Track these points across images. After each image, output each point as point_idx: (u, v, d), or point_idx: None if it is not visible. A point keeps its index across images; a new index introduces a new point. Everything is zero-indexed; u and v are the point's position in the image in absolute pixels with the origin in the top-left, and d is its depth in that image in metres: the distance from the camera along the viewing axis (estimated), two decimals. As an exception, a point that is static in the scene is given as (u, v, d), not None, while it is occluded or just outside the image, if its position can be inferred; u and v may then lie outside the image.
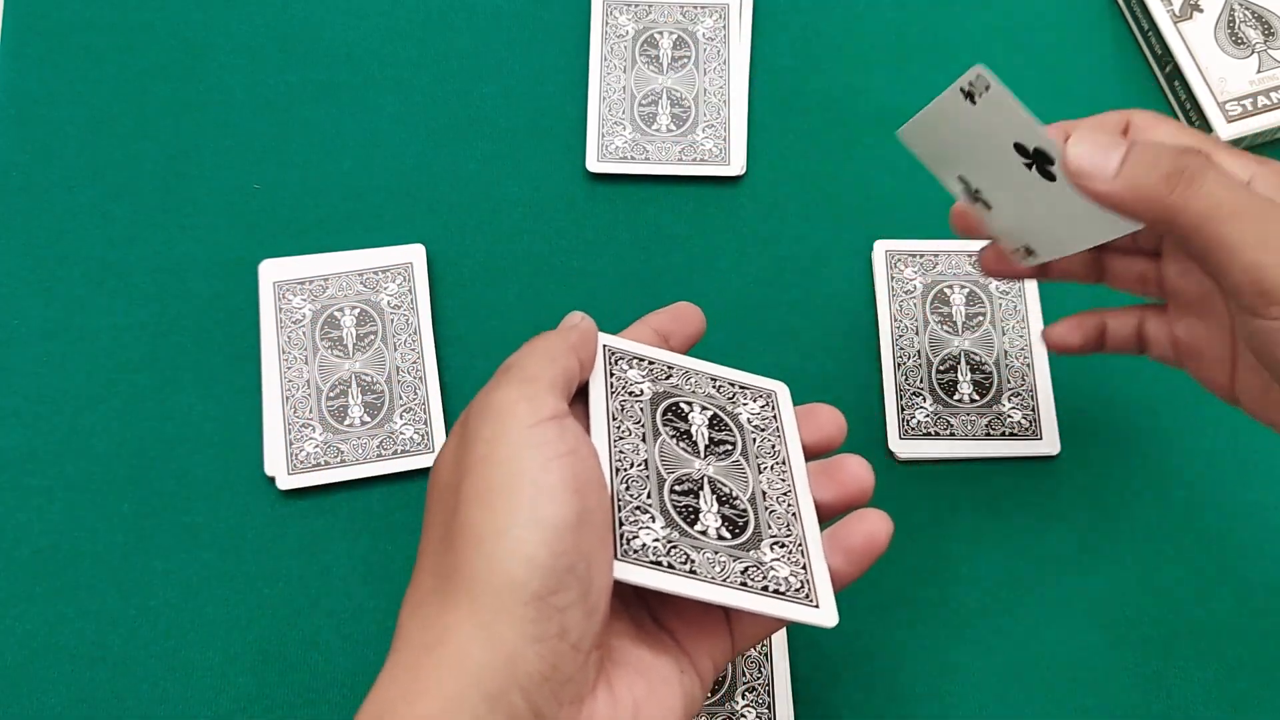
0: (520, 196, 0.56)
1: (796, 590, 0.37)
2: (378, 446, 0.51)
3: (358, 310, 0.53)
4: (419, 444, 0.52)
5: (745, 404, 0.43)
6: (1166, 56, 0.57)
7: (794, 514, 0.40)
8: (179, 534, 0.51)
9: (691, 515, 0.38)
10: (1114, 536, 0.51)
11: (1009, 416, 0.52)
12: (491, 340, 0.54)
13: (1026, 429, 0.52)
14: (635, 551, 0.35)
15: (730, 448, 0.41)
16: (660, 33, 0.58)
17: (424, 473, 0.52)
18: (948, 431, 0.52)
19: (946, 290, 0.54)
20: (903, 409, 0.52)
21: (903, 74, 0.58)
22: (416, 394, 0.52)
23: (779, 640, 0.48)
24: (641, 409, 0.40)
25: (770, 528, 0.39)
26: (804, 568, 0.38)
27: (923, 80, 0.58)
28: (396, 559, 0.51)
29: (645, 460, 0.39)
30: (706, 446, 0.40)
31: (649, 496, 0.38)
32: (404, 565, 0.51)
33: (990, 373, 0.53)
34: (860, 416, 0.53)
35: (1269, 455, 0.52)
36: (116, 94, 0.58)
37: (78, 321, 0.54)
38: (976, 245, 0.55)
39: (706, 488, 0.39)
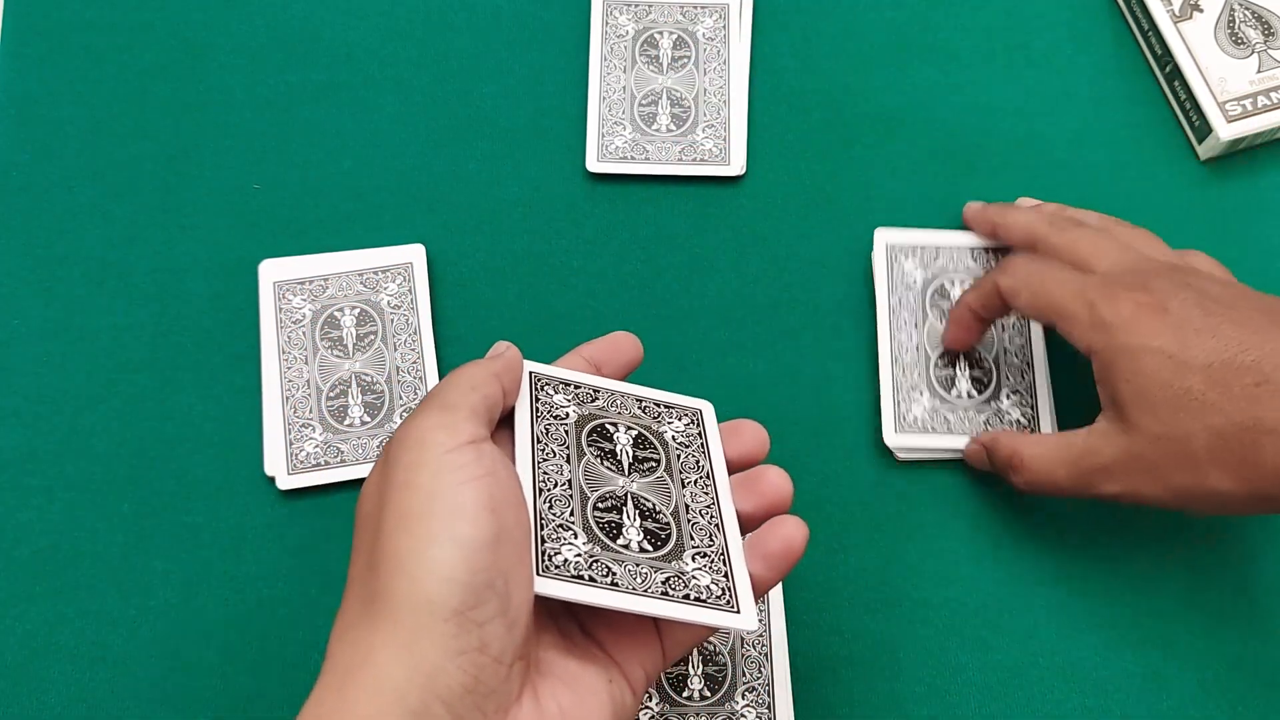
0: (520, 196, 0.56)
1: (718, 597, 0.38)
2: (378, 446, 0.51)
3: (358, 310, 0.54)
4: (419, 444, 0.52)
5: (670, 422, 0.44)
6: (1166, 56, 0.57)
7: (716, 525, 0.41)
8: (179, 534, 0.51)
9: (614, 530, 0.39)
10: (1113, 537, 0.51)
11: (1007, 414, 0.52)
12: (491, 340, 0.54)
13: (1025, 426, 0.52)
14: (557, 567, 0.36)
15: (654, 464, 0.42)
16: (660, 33, 0.58)
17: (424, 473, 0.52)
18: (945, 427, 0.52)
19: (947, 284, 0.54)
20: (899, 404, 0.52)
21: (903, 74, 0.58)
22: (416, 394, 0.52)
23: (779, 640, 0.48)
24: (566, 431, 0.42)
25: (693, 539, 0.40)
26: (725, 575, 0.39)
27: (923, 80, 0.58)
28: (396, 559, 0.51)
29: (569, 480, 0.40)
30: (631, 465, 0.42)
31: (572, 514, 0.39)
32: (404, 565, 0.51)
33: (989, 369, 0.53)
34: (857, 413, 0.53)
35: (1269, 455, 0.52)
36: (116, 94, 0.58)
37: (78, 321, 0.54)
38: (976, 240, 0.55)
39: (630, 503, 0.40)
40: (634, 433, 0.43)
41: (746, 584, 0.39)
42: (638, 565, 0.38)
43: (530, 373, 0.42)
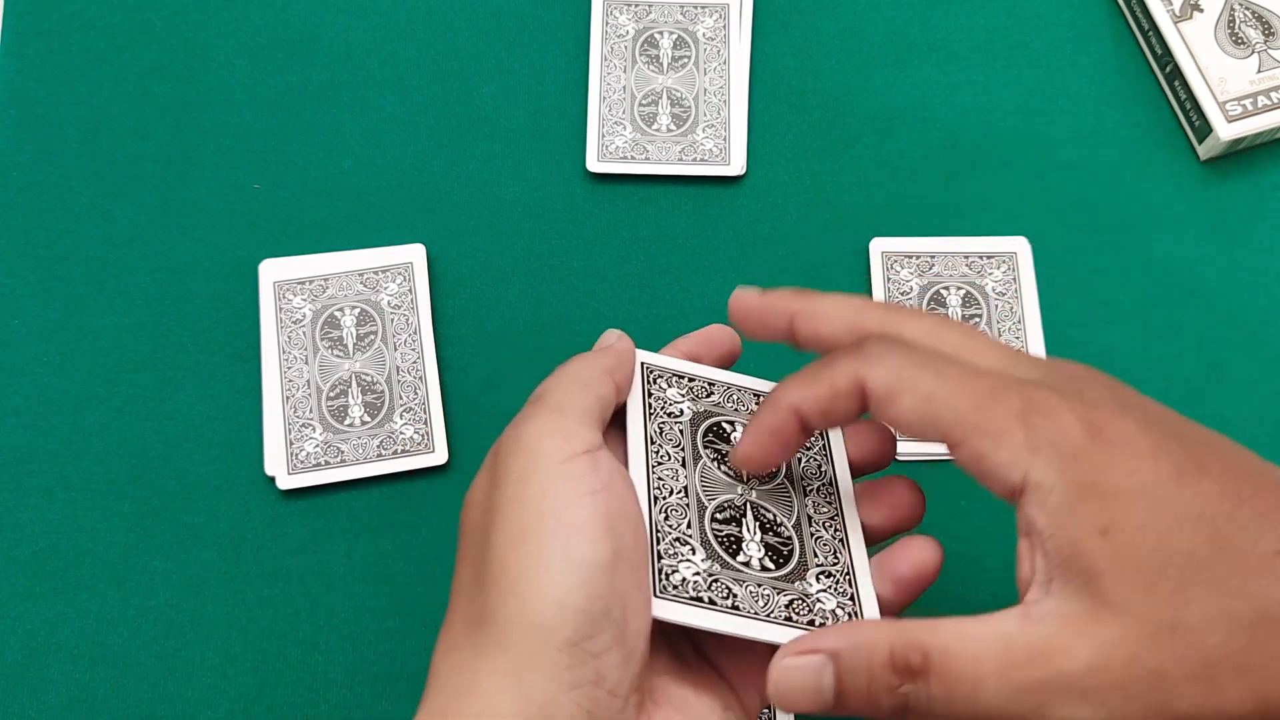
0: (520, 196, 0.56)
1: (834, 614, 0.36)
2: (378, 446, 0.51)
3: (358, 310, 0.54)
4: (419, 444, 0.52)
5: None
6: (1166, 56, 0.57)
7: (841, 539, 0.38)
8: (179, 534, 0.51)
9: (734, 545, 0.36)
10: (1113, 537, 0.51)
11: None
12: (491, 340, 0.54)
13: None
14: (675, 587, 0.34)
15: (774, 470, 0.39)
16: (660, 33, 0.58)
17: (424, 473, 0.52)
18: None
19: (943, 291, 0.54)
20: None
21: (903, 74, 0.58)
22: (416, 394, 0.52)
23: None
24: (681, 431, 0.39)
25: (816, 555, 0.38)
26: (851, 598, 0.37)
27: (923, 80, 0.58)
28: (396, 559, 0.51)
29: (685, 487, 0.37)
30: (750, 471, 0.39)
31: (689, 526, 0.36)
32: (404, 565, 0.51)
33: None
34: (860, 416, 0.53)
35: (1269, 455, 0.52)
36: (116, 94, 0.58)
37: (77, 321, 0.54)
38: (972, 246, 0.55)
39: (749, 514, 0.37)
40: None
41: (875, 610, 0.36)
42: (759, 586, 0.35)
43: (642, 364, 0.39)
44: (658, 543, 0.35)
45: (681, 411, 0.39)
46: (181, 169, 0.57)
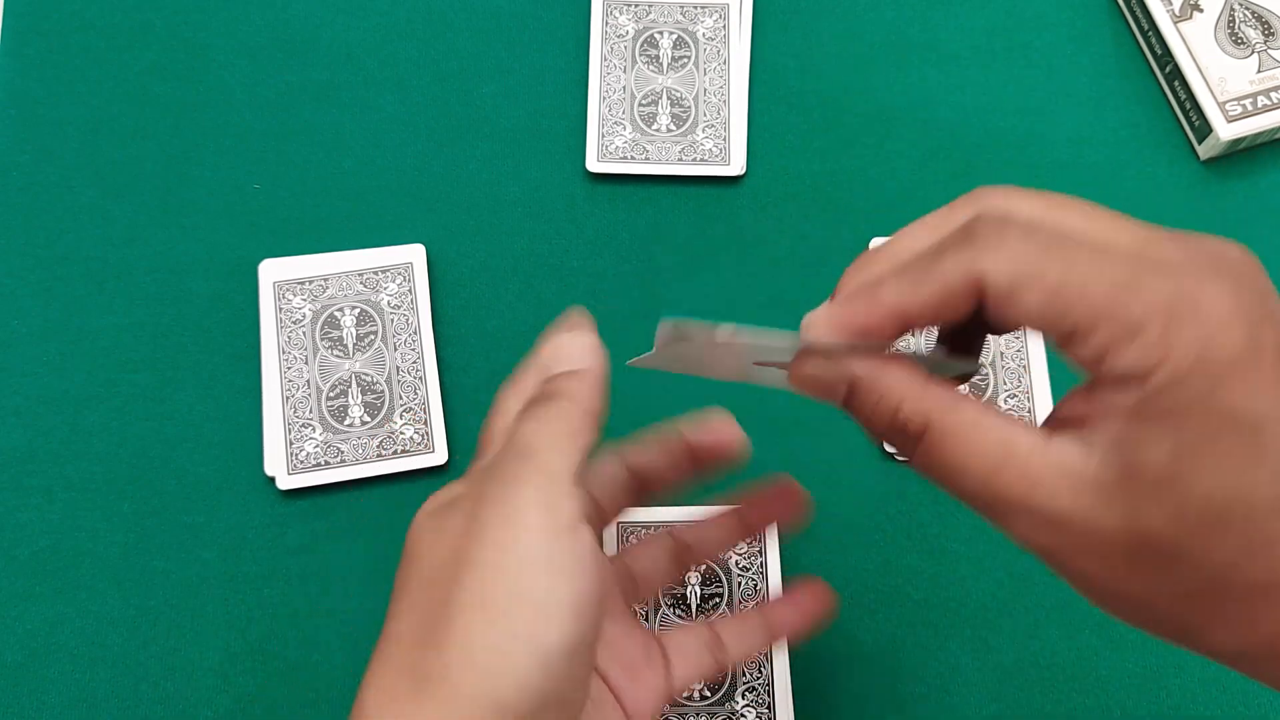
0: (520, 196, 0.56)
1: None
2: (378, 446, 0.51)
3: (358, 310, 0.54)
4: (419, 444, 0.52)
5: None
6: (1166, 56, 0.57)
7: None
8: (179, 534, 0.51)
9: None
10: (1114, 536, 0.51)
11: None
12: (491, 340, 0.54)
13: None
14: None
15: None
16: (660, 33, 0.58)
17: (424, 473, 0.52)
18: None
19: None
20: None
21: (903, 74, 0.58)
22: (416, 394, 0.52)
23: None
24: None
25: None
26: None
27: (923, 80, 0.58)
28: (396, 559, 0.51)
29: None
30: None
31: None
32: (404, 565, 0.51)
33: (986, 373, 0.53)
34: (860, 416, 0.53)
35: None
36: (116, 94, 0.58)
37: (77, 321, 0.54)
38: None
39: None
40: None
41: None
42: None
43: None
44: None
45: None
46: (181, 169, 0.57)
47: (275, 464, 0.51)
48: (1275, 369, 0.25)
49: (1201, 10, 0.57)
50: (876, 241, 0.55)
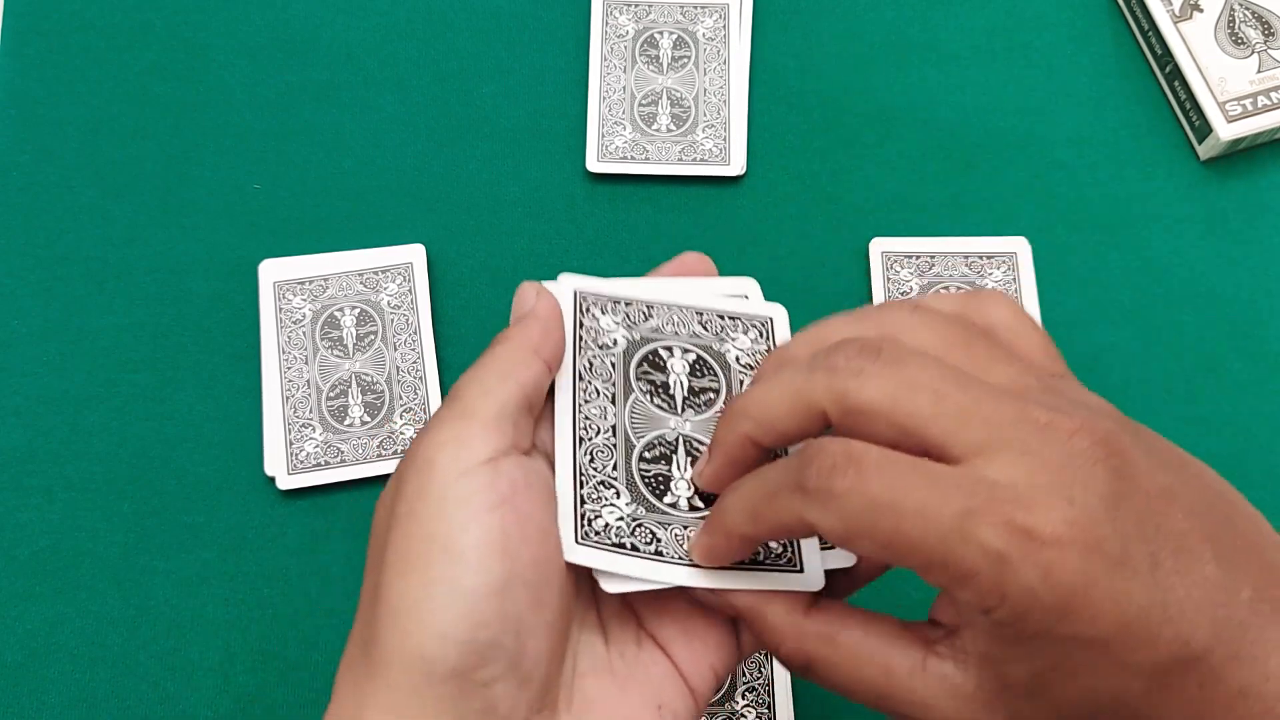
0: (520, 196, 0.56)
1: (778, 556, 0.32)
2: (378, 446, 0.51)
3: (358, 310, 0.54)
4: (419, 444, 0.52)
5: (734, 338, 0.38)
6: (1166, 56, 0.57)
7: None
8: (179, 534, 0.51)
9: (661, 486, 0.34)
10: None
11: None
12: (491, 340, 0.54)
13: None
14: (596, 534, 0.32)
15: (713, 395, 0.36)
16: (660, 33, 0.58)
17: (424, 473, 0.52)
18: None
19: (943, 291, 0.54)
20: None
21: (903, 74, 0.58)
22: (416, 394, 0.52)
23: None
24: (613, 364, 0.36)
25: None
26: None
27: (923, 80, 0.58)
28: (396, 559, 0.51)
29: (613, 426, 0.35)
30: (685, 399, 0.36)
31: (614, 469, 0.34)
32: (404, 565, 0.51)
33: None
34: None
35: (1269, 455, 0.52)
36: (116, 94, 0.58)
37: (77, 321, 0.54)
38: (972, 246, 0.55)
39: (680, 449, 0.35)
40: (691, 356, 0.37)
41: (815, 551, 0.33)
42: (685, 528, 0.33)
43: (575, 292, 0.36)
44: (581, 487, 0.33)
45: (615, 342, 0.36)
46: (181, 169, 0.57)
47: (275, 464, 0.51)
48: (1117, 570, 0.26)
49: (1201, 10, 0.57)
50: (876, 243, 0.55)
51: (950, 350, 0.29)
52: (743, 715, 0.47)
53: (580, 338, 0.36)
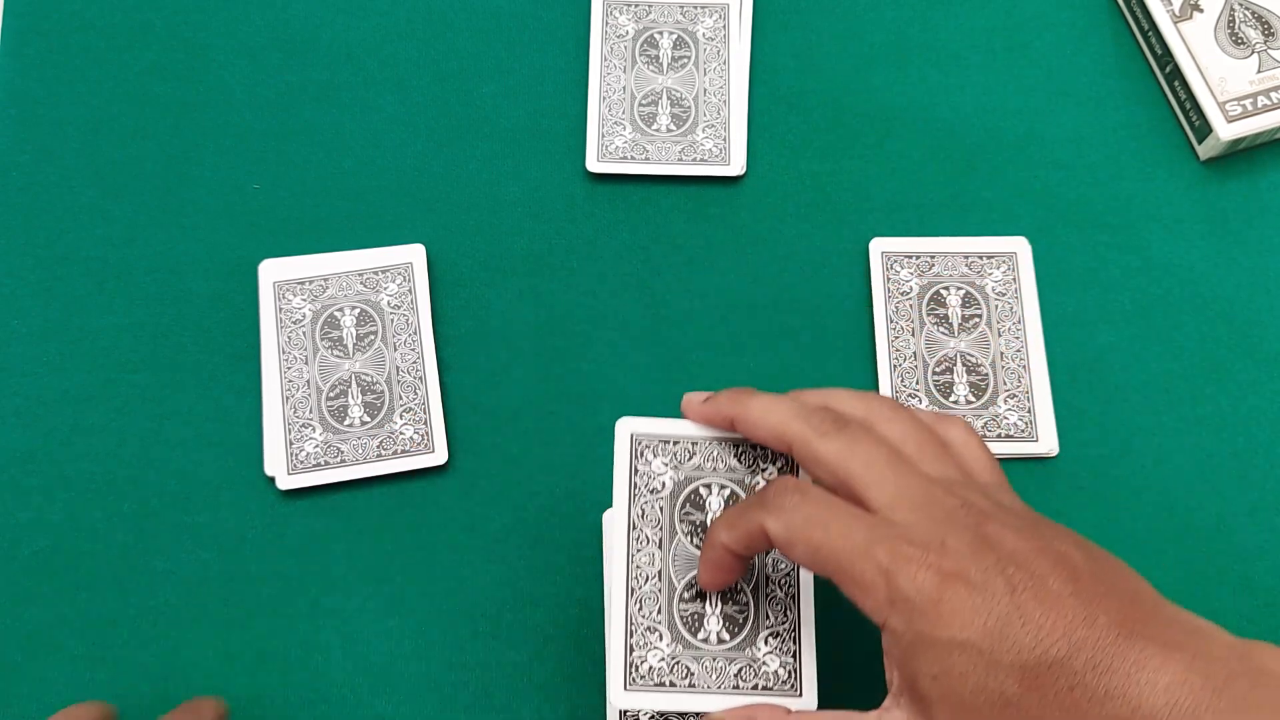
0: (520, 196, 0.56)
1: (783, 683, 0.40)
2: (378, 446, 0.51)
3: (358, 310, 0.54)
4: (419, 444, 0.52)
5: (765, 468, 0.44)
6: (1166, 56, 0.57)
7: (793, 595, 0.43)
8: (179, 534, 0.51)
9: (696, 623, 0.41)
10: (1113, 537, 0.51)
11: (1005, 418, 0.52)
12: (491, 340, 0.54)
13: (1023, 430, 0.52)
14: (642, 677, 0.39)
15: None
16: (660, 33, 0.58)
17: (424, 473, 0.52)
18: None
19: (943, 291, 0.54)
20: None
21: (903, 74, 0.58)
22: (416, 394, 0.52)
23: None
24: (661, 507, 0.42)
25: (768, 616, 0.42)
26: (794, 655, 0.41)
27: (923, 80, 0.58)
28: (396, 559, 0.51)
29: (659, 571, 0.41)
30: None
31: (659, 612, 0.41)
32: (404, 565, 0.51)
33: (986, 375, 0.53)
34: (860, 417, 0.53)
35: (1269, 455, 0.52)
36: (116, 94, 0.58)
37: (78, 321, 0.54)
38: (972, 246, 0.55)
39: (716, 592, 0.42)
40: (726, 492, 0.43)
41: (812, 665, 0.41)
42: (714, 660, 0.40)
43: (630, 434, 0.43)
44: (630, 636, 0.40)
45: (663, 485, 0.42)
46: (181, 169, 0.57)
47: (275, 464, 0.51)
48: (977, 590, 0.35)
49: (1201, 10, 0.57)
50: (876, 243, 0.55)
51: (906, 441, 0.39)
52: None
53: (635, 484, 0.42)
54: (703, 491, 0.43)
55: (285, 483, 0.51)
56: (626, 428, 0.43)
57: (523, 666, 0.50)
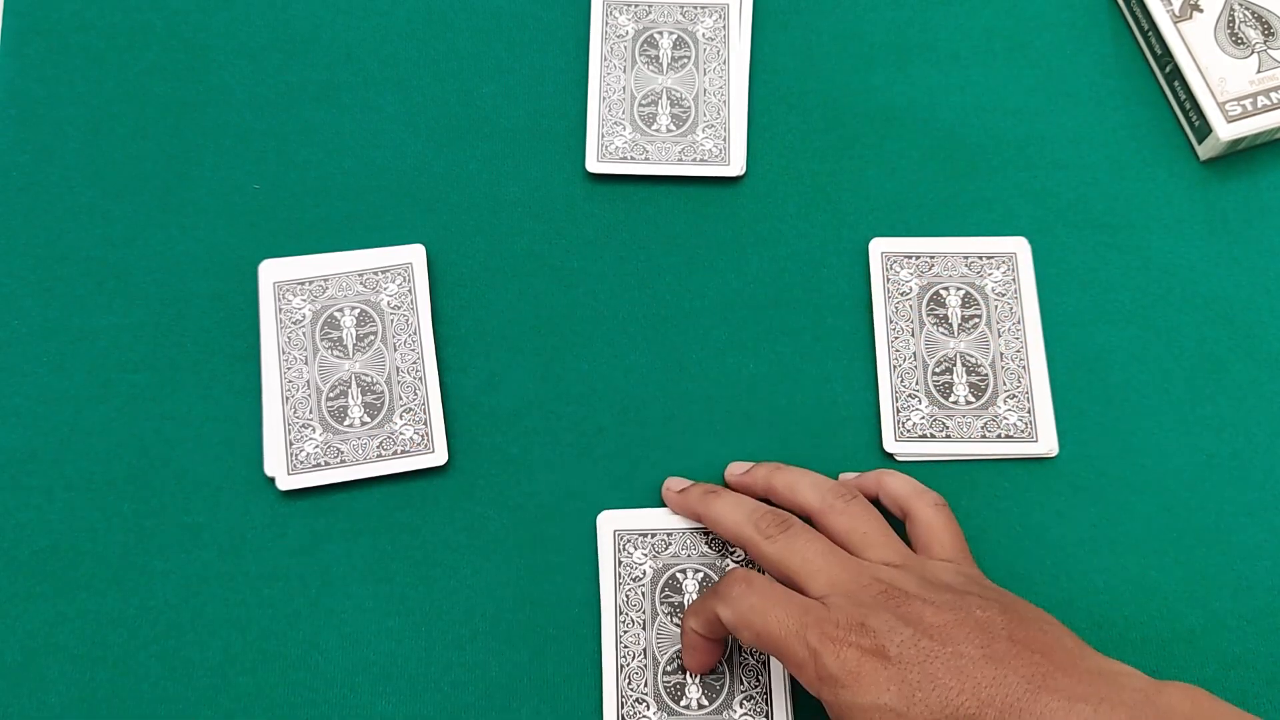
0: (520, 196, 0.56)
1: None
2: (378, 447, 0.51)
3: (358, 310, 0.54)
4: (419, 444, 0.52)
5: (734, 550, 0.50)
6: (1166, 56, 0.57)
7: (763, 662, 0.48)
8: (179, 534, 0.51)
9: (679, 692, 0.47)
10: (1113, 537, 0.51)
11: (1004, 418, 0.52)
12: (491, 340, 0.54)
13: (1023, 431, 0.52)
14: None
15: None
16: (660, 33, 0.58)
17: (424, 473, 0.52)
18: (943, 433, 0.52)
19: (943, 291, 0.54)
20: (898, 411, 0.52)
21: (903, 74, 0.58)
22: (416, 394, 0.52)
23: None
24: (643, 594, 0.48)
25: (741, 682, 0.47)
26: (766, 716, 0.47)
27: (923, 80, 0.58)
28: (396, 559, 0.51)
29: (644, 649, 0.47)
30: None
31: (645, 685, 0.47)
32: (404, 565, 0.51)
33: (986, 375, 0.53)
34: (856, 417, 0.53)
35: (1269, 455, 0.52)
36: (116, 94, 0.58)
37: (78, 321, 0.54)
38: (972, 246, 0.55)
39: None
40: (700, 575, 0.49)
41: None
42: None
43: (614, 531, 0.49)
44: (621, 706, 0.47)
45: (644, 574, 0.48)
46: (181, 169, 0.57)
47: (275, 464, 0.51)
48: (893, 662, 0.40)
49: (1201, 10, 0.57)
50: (876, 243, 0.55)
51: (852, 532, 0.46)
52: None
53: (619, 574, 0.48)
54: (679, 576, 0.49)
55: (285, 483, 0.51)
56: (609, 524, 0.49)
57: (523, 666, 0.50)
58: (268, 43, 0.59)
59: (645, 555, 0.49)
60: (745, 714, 0.47)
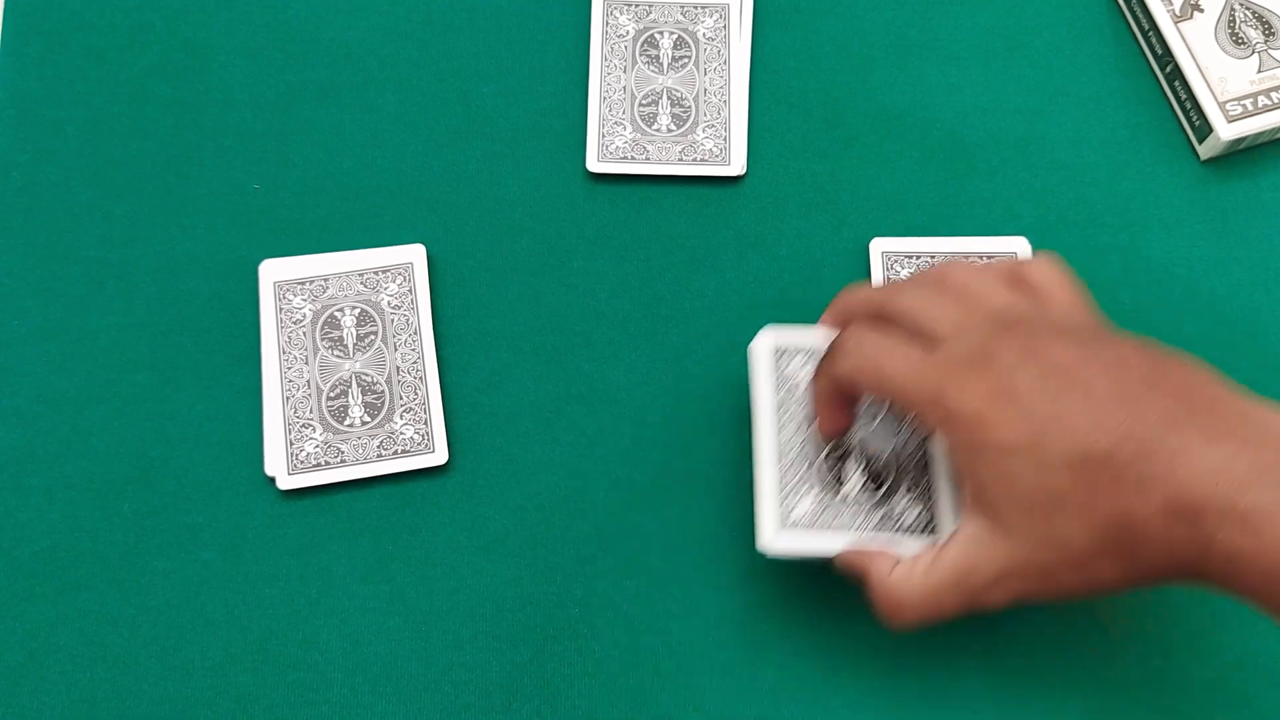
0: (520, 196, 0.56)
1: (922, 529, 0.46)
2: (378, 446, 0.51)
3: (358, 310, 0.54)
4: (419, 444, 0.52)
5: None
6: (1166, 56, 0.57)
7: (922, 465, 0.47)
8: (179, 534, 0.51)
9: (839, 478, 0.46)
10: (1114, 537, 0.51)
11: None
12: (491, 340, 0.54)
13: None
14: (793, 524, 0.45)
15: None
16: (660, 33, 0.58)
17: (424, 473, 0.52)
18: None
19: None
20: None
21: (903, 74, 0.58)
22: (416, 394, 0.52)
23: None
24: (798, 400, 0.48)
25: (910, 473, 0.46)
26: (929, 510, 0.46)
27: (923, 80, 0.58)
28: (396, 559, 0.51)
29: (802, 441, 0.47)
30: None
31: (808, 469, 0.47)
32: (404, 565, 0.51)
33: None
34: (860, 416, 0.53)
35: (1269, 455, 0.52)
36: (116, 94, 0.58)
37: (78, 321, 0.54)
38: (972, 246, 0.55)
39: (853, 454, 0.47)
40: None
41: (948, 516, 0.46)
42: (859, 506, 0.46)
43: (775, 347, 0.48)
44: (781, 490, 0.46)
45: (799, 384, 0.48)
46: (181, 169, 0.57)
47: (275, 464, 0.51)
48: (1019, 400, 0.39)
49: (1202, 10, 0.57)
50: (876, 243, 0.55)
51: (975, 281, 0.43)
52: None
53: (779, 381, 0.48)
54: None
55: (285, 483, 0.51)
56: (772, 339, 0.48)
57: (523, 666, 0.50)
58: (268, 43, 0.59)
59: (800, 366, 0.48)
60: (909, 503, 0.47)
